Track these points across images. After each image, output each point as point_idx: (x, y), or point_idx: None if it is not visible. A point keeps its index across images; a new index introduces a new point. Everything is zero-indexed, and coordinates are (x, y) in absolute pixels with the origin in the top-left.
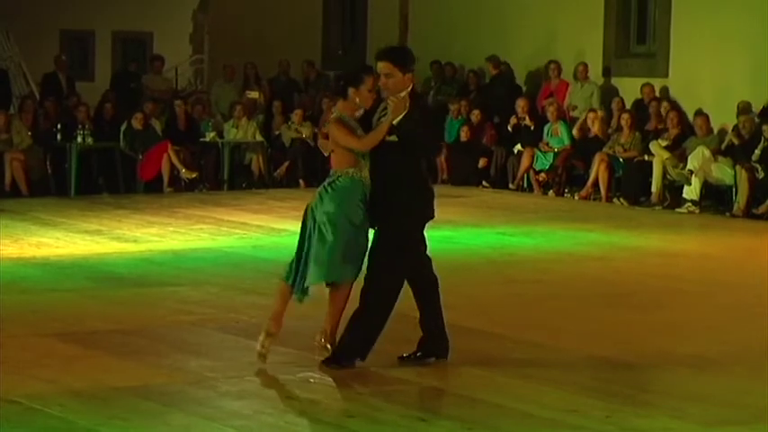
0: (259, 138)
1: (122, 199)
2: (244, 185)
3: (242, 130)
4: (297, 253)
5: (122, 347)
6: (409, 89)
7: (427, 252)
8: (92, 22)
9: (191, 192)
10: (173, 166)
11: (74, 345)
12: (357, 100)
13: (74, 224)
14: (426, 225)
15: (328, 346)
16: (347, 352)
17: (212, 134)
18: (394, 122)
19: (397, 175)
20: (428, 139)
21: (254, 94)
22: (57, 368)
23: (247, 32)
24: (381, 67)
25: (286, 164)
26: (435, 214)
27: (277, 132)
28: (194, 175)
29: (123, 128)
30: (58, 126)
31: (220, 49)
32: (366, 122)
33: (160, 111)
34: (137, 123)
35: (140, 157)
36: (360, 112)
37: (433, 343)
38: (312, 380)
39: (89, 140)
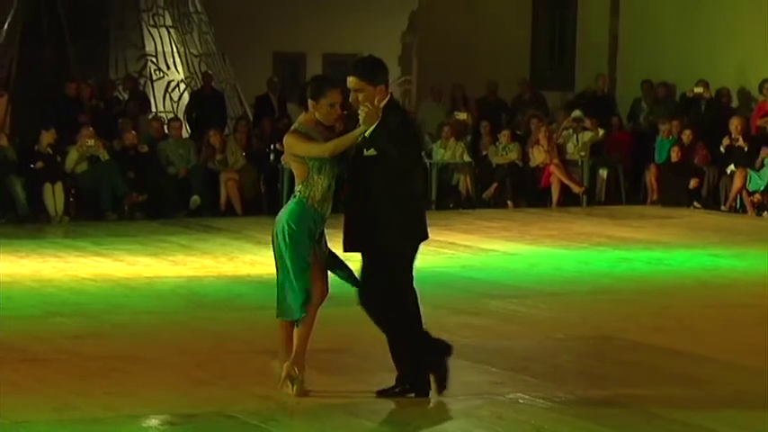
0: (467, 158)
1: (331, 218)
2: (451, 206)
3: (450, 151)
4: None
5: (331, 365)
6: (385, 100)
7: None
8: (304, 45)
9: None
10: None
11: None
12: (316, 114)
13: None
14: (418, 248)
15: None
16: (423, 384)
17: None
18: (366, 134)
19: (378, 191)
20: (405, 152)
21: (462, 115)
22: (272, 385)
23: (455, 54)
24: (350, 81)
25: (495, 185)
26: (428, 235)
27: (485, 153)
28: None
29: None
30: (271, 146)
31: (428, 70)
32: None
33: None
34: None
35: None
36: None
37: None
38: (521, 401)
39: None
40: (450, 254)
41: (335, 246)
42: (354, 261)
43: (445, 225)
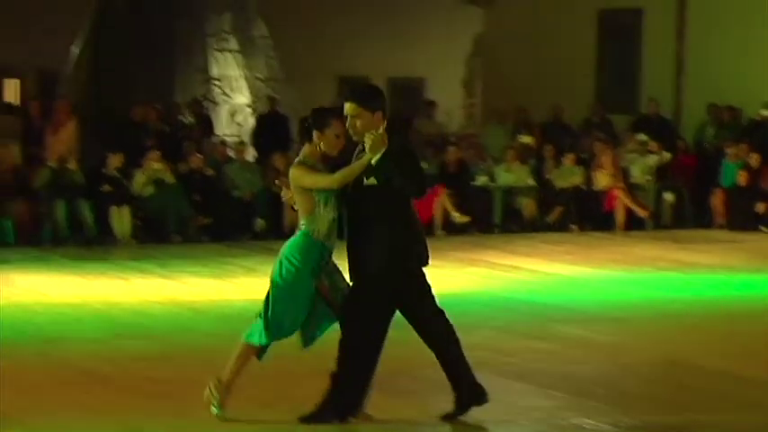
0: (531, 182)
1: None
2: (515, 229)
3: (514, 174)
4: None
5: (392, 388)
6: (384, 127)
7: (434, 302)
8: (368, 69)
9: (462, 235)
10: (445, 210)
11: None
12: (322, 145)
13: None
14: (424, 273)
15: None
16: (327, 413)
17: (484, 178)
18: (373, 161)
19: (378, 220)
20: (410, 180)
21: (526, 139)
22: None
23: (519, 77)
24: (347, 108)
25: (558, 208)
26: (429, 260)
27: (548, 176)
28: (466, 219)
29: None
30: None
31: (492, 93)
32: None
33: (433, 155)
34: None
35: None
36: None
37: (466, 393)
38: (586, 426)
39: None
40: (513, 278)
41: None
42: None
43: (509, 249)
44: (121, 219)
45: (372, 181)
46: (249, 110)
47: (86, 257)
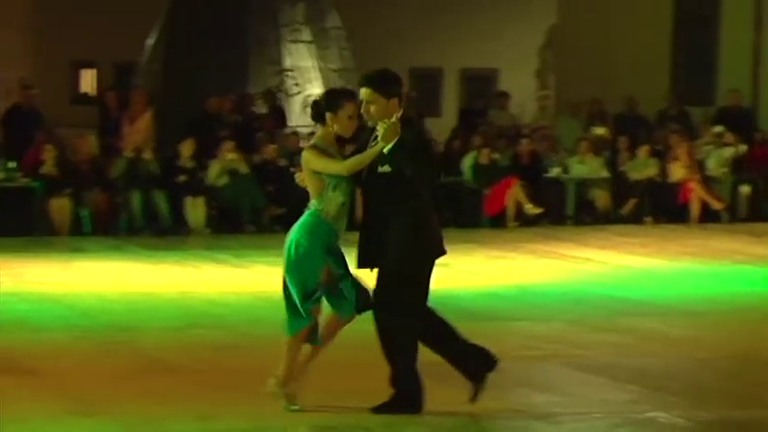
0: (605, 174)
1: (467, 233)
2: (588, 221)
3: (587, 166)
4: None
5: (451, 378)
6: (399, 114)
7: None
8: (440, 60)
9: (535, 227)
10: (518, 202)
11: (422, 376)
12: (335, 127)
13: None
14: (434, 265)
15: (278, 390)
16: (400, 407)
17: (557, 170)
18: (385, 150)
19: (393, 209)
20: (424, 169)
21: (600, 130)
22: None
23: (593, 68)
24: (363, 93)
25: (633, 200)
26: (445, 250)
27: (622, 168)
28: (539, 211)
29: (469, 163)
30: None
31: (566, 84)
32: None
33: (506, 146)
34: (483, 158)
35: (486, 191)
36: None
37: (474, 362)
38: (661, 419)
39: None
40: (586, 270)
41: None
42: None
43: (581, 241)
44: (196, 209)
45: (386, 168)
46: None
47: (161, 247)
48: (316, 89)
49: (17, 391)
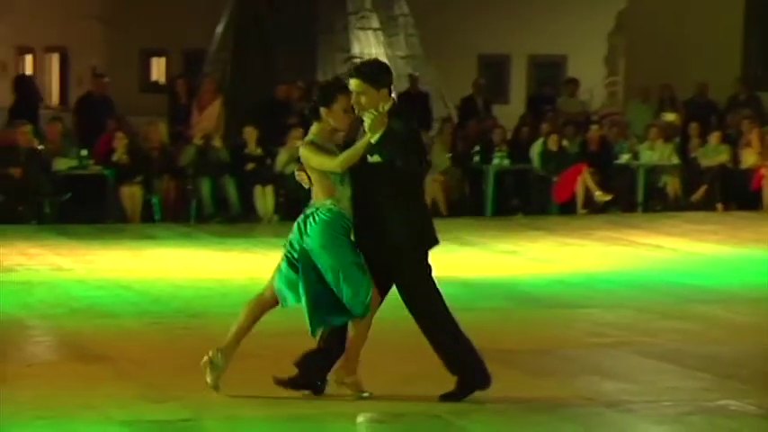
0: (675, 160)
1: (536, 220)
2: (658, 208)
3: (657, 153)
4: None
5: (538, 367)
6: (389, 105)
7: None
8: (508, 47)
9: (604, 214)
10: (587, 189)
11: (490, 362)
12: (330, 121)
13: (490, 244)
14: (428, 255)
15: (345, 381)
16: (465, 391)
17: (627, 156)
18: (372, 140)
19: (385, 199)
20: (413, 158)
21: (670, 116)
22: None
23: (663, 54)
24: (353, 84)
25: (703, 187)
26: (438, 240)
27: (693, 155)
28: (608, 198)
29: (538, 149)
30: (476, 148)
31: (636, 70)
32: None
33: (575, 133)
34: (552, 145)
35: (555, 178)
36: (339, 136)
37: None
38: (732, 407)
39: (505, 162)
40: (655, 257)
41: None
42: None
43: (652, 228)
44: (265, 198)
45: (376, 158)
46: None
47: (231, 234)
48: None
49: (89, 376)
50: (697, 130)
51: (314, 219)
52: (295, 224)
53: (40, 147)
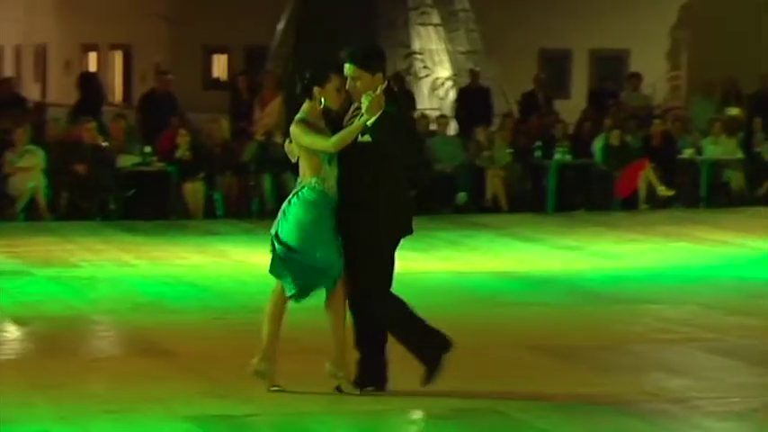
0: (739, 155)
1: (598, 215)
2: (722, 203)
3: (721, 147)
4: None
5: (602, 363)
6: (383, 87)
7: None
8: (570, 42)
9: (667, 209)
10: (650, 184)
11: (553, 358)
12: (323, 100)
13: (551, 240)
14: (399, 242)
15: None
16: (370, 376)
17: (690, 151)
18: (369, 123)
19: (370, 181)
20: (406, 143)
21: (733, 111)
22: (538, 380)
23: (727, 48)
24: (347, 70)
25: None
26: (413, 229)
27: (758, 149)
28: (671, 193)
29: (600, 144)
30: (537, 143)
31: (699, 64)
32: (336, 128)
33: (637, 128)
34: (614, 140)
35: (617, 173)
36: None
37: (431, 345)
38: None
39: (567, 157)
40: (720, 252)
41: None
42: None
43: (715, 223)
44: None
45: (366, 138)
46: (451, 83)
47: None
48: (444, 72)
49: (153, 371)
50: (761, 124)
51: (297, 197)
52: (280, 210)
53: (105, 144)
